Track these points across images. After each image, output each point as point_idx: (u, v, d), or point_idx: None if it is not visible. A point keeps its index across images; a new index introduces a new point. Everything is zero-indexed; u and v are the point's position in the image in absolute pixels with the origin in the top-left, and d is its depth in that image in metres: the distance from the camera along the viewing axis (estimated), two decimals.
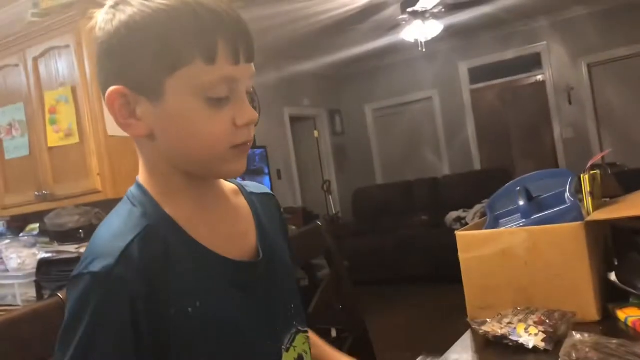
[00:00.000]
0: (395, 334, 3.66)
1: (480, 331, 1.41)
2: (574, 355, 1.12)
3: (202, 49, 0.74)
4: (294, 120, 7.32)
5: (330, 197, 7.33)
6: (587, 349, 1.12)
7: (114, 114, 0.78)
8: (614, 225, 1.65)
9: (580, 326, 1.29)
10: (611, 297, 1.48)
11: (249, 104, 0.78)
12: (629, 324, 1.35)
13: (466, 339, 1.45)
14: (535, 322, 1.35)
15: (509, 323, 1.38)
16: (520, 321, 1.37)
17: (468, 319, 1.48)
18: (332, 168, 7.93)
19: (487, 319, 1.42)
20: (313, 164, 7.77)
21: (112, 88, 0.77)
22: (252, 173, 5.52)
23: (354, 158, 8.26)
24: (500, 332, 1.37)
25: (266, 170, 5.92)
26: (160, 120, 0.78)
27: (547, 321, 1.35)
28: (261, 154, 5.92)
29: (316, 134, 7.73)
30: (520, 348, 1.32)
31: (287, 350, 0.83)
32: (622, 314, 1.40)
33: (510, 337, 1.34)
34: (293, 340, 0.85)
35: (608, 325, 1.39)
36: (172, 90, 0.75)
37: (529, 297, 1.47)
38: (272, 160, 6.29)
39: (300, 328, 0.88)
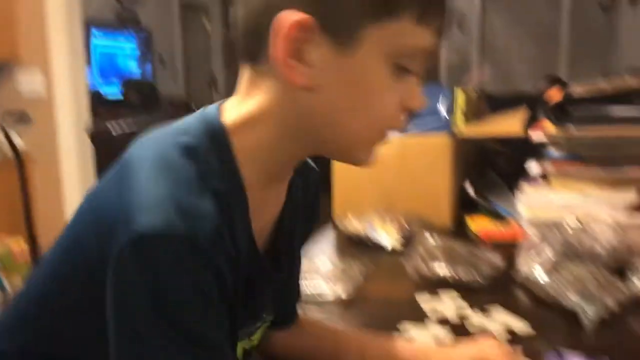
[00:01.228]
0: None
1: (342, 228, 1.47)
2: (423, 254, 1.20)
3: (417, 3, 0.60)
4: (185, 7, 6.91)
5: (216, 94, 7.14)
6: (437, 250, 1.21)
7: (280, 45, 0.59)
8: (478, 144, 1.75)
9: (435, 231, 1.38)
10: (465, 208, 1.60)
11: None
12: (477, 232, 1.47)
13: (329, 234, 1.51)
14: (393, 224, 1.43)
15: (370, 222, 1.44)
16: (380, 221, 1.44)
17: (333, 216, 1.54)
18: (221, 64, 7.67)
19: (350, 217, 1.48)
20: (201, 57, 7.46)
21: (297, 16, 0.58)
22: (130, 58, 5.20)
23: None
24: (360, 230, 1.43)
25: (149, 57, 5.60)
26: (337, 74, 0.60)
27: (405, 224, 1.43)
28: (146, 39, 5.57)
29: (207, 25, 7.37)
30: (379, 247, 1.40)
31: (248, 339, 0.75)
32: (472, 223, 1.52)
33: (369, 236, 1.42)
34: (256, 332, 0.77)
35: (459, 232, 1.50)
36: (369, 43, 0.59)
37: (392, 201, 1.54)
38: (157, 47, 5.95)
39: (267, 318, 0.79)
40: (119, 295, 0.56)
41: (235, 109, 0.65)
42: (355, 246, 1.42)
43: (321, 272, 1.16)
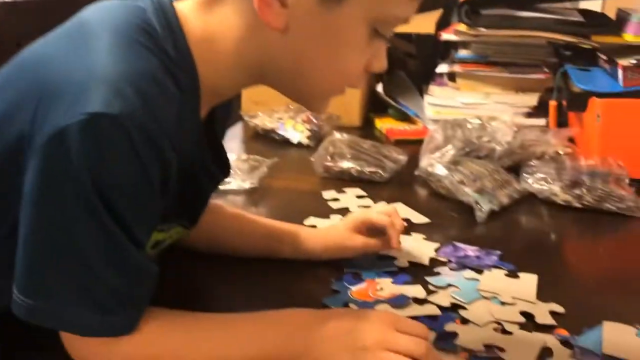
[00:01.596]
0: None
1: (251, 124, 1.43)
2: (330, 149, 1.20)
3: None
4: None
5: None
6: (343, 146, 1.21)
7: None
8: (390, 44, 1.73)
9: (343, 129, 1.38)
10: (374, 108, 1.60)
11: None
12: (383, 131, 1.48)
13: (237, 130, 1.47)
14: (303, 121, 1.41)
15: (279, 118, 1.42)
16: (289, 118, 1.42)
17: (241, 112, 1.49)
18: None
19: (259, 113, 1.45)
20: None
21: None
22: None
23: None
24: (269, 126, 1.41)
25: None
26: (314, 25, 0.58)
27: (314, 120, 1.41)
28: None
29: None
30: (286, 142, 1.38)
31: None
32: (379, 122, 1.53)
33: (278, 132, 1.39)
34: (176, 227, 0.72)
35: (366, 130, 1.51)
36: (356, 5, 0.58)
37: None
38: None
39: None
40: (48, 174, 0.50)
41: (193, 14, 0.60)
42: (262, 141, 1.40)
43: None
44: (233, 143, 1.39)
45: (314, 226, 0.93)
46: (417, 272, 0.80)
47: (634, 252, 0.93)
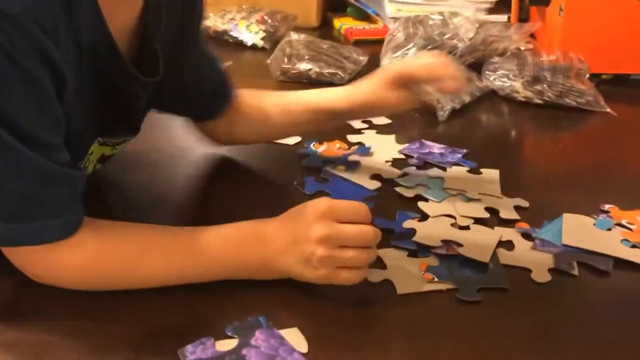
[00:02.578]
0: None
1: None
2: (287, 51, 1.14)
3: None
4: None
5: None
6: (301, 47, 1.15)
7: None
8: None
9: (300, 30, 1.32)
10: (332, 7, 1.53)
11: None
12: (342, 31, 1.43)
13: None
14: (257, 21, 1.34)
15: (232, 19, 1.34)
16: (242, 19, 1.34)
17: None
18: None
19: (210, 14, 1.36)
20: None
21: None
22: None
23: None
24: (221, 27, 1.33)
25: None
26: None
27: (269, 21, 1.34)
28: None
29: None
30: (240, 45, 1.31)
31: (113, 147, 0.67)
32: (338, 22, 1.47)
33: (231, 34, 1.32)
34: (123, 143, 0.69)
35: (324, 30, 1.45)
36: None
37: None
38: None
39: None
40: None
41: None
42: (215, 44, 1.32)
43: None
44: None
45: None
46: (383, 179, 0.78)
47: (592, 146, 0.94)
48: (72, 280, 0.54)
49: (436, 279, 0.58)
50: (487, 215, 0.70)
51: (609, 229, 0.68)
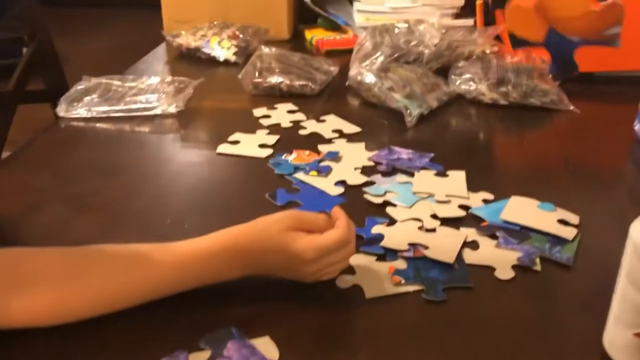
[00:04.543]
0: (98, 57, 3.47)
1: (174, 43, 1.37)
2: (258, 65, 1.16)
3: None
4: None
5: None
6: (271, 60, 1.17)
7: None
8: None
9: (272, 43, 1.34)
10: (302, 19, 1.56)
11: None
12: (313, 43, 1.45)
13: (159, 51, 1.41)
14: (229, 37, 1.36)
15: (203, 36, 1.36)
16: (214, 35, 1.36)
17: (163, 32, 1.42)
18: None
19: (182, 32, 1.38)
20: None
21: None
22: None
23: None
24: (193, 44, 1.35)
25: None
26: None
27: (241, 36, 1.36)
28: None
29: None
30: (212, 61, 1.33)
31: None
32: (309, 34, 1.49)
33: (203, 50, 1.34)
34: None
35: (296, 43, 1.48)
36: None
37: (226, 13, 1.45)
38: None
39: None
40: None
41: None
42: (187, 61, 1.35)
43: (150, 87, 1.08)
44: (156, 65, 1.33)
45: (236, 142, 0.92)
46: (352, 186, 0.80)
47: (556, 142, 0.97)
48: None
49: (403, 281, 0.60)
50: (462, 213, 0.72)
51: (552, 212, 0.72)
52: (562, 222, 0.70)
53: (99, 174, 0.84)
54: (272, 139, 0.94)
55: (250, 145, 0.92)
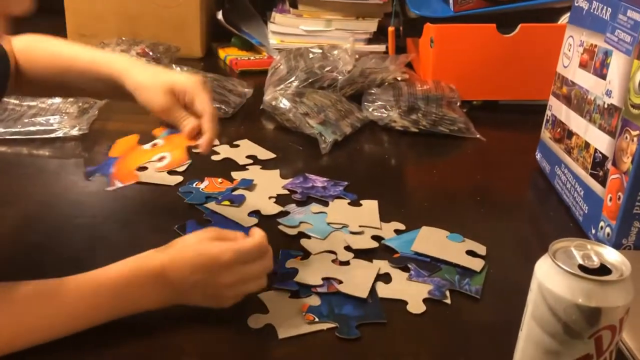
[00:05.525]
0: None
1: None
2: None
3: None
4: None
5: None
6: None
7: None
8: None
9: (184, 61, 1.31)
10: (216, 37, 1.53)
11: None
12: (227, 62, 1.43)
13: None
14: (138, 54, 1.31)
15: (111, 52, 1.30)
16: (122, 51, 1.31)
17: None
18: None
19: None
20: None
21: None
22: None
23: None
24: None
25: None
26: None
27: (151, 53, 1.32)
28: None
29: None
30: None
31: None
32: (222, 53, 1.47)
33: None
34: None
35: (210, 61, 1.45)
36: None
37: (136, 29, 1.40)
38: None
39: None
40: None
41: None
42: None
43: (52, 108, 1.02)
44: None
45: (144, 168, 0.89)
46: (266, 216, 0.79)
47: (464, 170, 1.00)
48: None
49: (317, 319, 0.59)
50: (375, 244, 0.73)
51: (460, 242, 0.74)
52: (471, 253, 0.72)
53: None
54: (181, 165, 0.91)
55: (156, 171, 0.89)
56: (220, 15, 1.49)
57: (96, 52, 0.77)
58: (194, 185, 0.85)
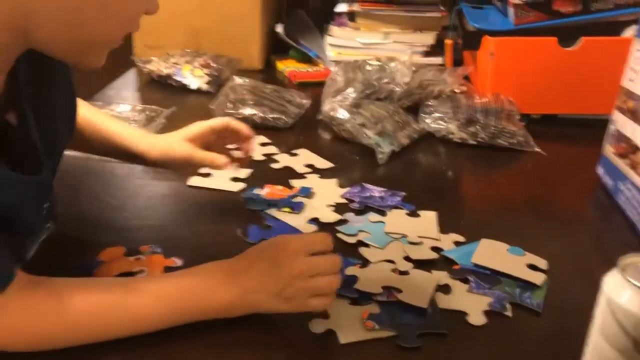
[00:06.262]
0: None
1: (145, 70, 1.36)
2: (231, 96, 1.16)
3: None
4: None
5: None
6: (244, 91, 1.18)
7: None
8: None
9: (244, 73, 1.34)
10: (275, 49, 1.57)
11: None
12: (286, 74, 1.46)
13: (129, 77, 1.39)
14: (201, 65, 1.36)
15: (175, 64, 1.35)
16: (187, 62, 1.36)
17: (133, 57, 1.41)
18: None
19: (153, 58, 1.37)
20: None
21: None
22: None
23: None
24: (165, 71, 1.34)
25: None
26: None
27: (213, 65, 1.36)
28: None
29: None
30: (184, 89, 1.32)
31: None
32: (281, 65, 1.50)
33: (175, 77, 1.33)
34: None
35: (268, 73, 1.48)
36: None
37: (199, 41, 1.45)
38: None
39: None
40: None
41: None
42: (158, 89, 1.33)
43: (121, 116, 1.07)
44: (126, 92, 1.32)
45: (208, 174, 0.92)
46: (325, 224, 0.80)
47: (523, 183, 0.99)
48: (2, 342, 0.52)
49: (377, 327, 0.60)
50: (435, 255, 0.73)
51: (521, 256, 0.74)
52: (531, 267, 0.71)
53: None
54: (245, 172, 0.93)
55: (222, 178, 0.91)
56: (280, 29, 1.53)
57: (123, 128, 0.82)
58: (255, 191, 0.87)
